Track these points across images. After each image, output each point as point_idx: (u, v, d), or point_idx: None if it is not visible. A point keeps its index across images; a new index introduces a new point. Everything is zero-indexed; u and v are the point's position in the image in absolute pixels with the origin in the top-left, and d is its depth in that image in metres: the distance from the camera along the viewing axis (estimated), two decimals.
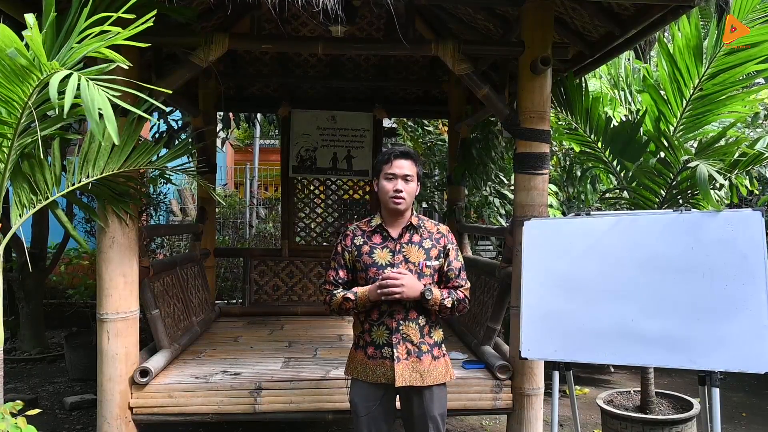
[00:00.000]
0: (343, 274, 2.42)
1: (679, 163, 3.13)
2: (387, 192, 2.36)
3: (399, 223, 2.41)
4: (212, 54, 3.10)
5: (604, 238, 2.66)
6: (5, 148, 2.29)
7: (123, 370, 3.00)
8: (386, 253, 2.37)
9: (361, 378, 2.40)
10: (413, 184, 2.39)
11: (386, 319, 2.34)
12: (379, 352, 2.35)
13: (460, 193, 5.31)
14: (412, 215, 2.43)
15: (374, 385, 2.37)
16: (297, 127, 5.67)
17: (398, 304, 2.32)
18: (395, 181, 2.35)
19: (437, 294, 2.31)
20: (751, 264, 2.30)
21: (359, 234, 2.44)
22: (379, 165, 2.43)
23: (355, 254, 2.40)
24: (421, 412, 2.37)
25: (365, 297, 2.31)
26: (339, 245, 2.46)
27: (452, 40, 3.28)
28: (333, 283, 2.42)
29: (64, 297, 6.86)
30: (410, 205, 2.41)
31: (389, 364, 2.33)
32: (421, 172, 2.46)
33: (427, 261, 2.36)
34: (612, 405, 3.57)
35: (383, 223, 2.42)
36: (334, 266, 2.44)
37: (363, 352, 2.40)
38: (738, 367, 2.31)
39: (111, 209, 2.91)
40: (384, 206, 2.42)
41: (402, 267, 2.34)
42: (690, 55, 3.13)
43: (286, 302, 5.45)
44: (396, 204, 2.35)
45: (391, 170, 2.36)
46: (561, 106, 3.76)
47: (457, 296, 2.37)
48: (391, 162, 2.37)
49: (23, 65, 1.95)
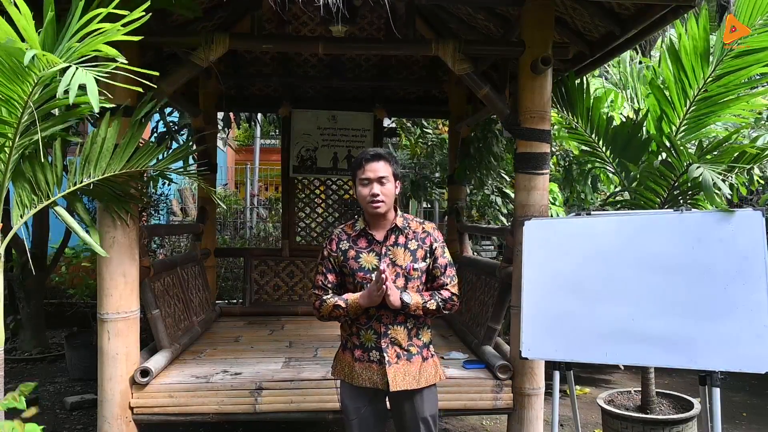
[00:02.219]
0: (332, 278, 2.38)
1: (682, 165, 3.12)
2: (364, 198, 2.31)
3: (383, 225, 2.37)
4: (213, 54, 3.10)
5: (604, 238, 2.66)
6: (6, 149, 2.29)
7: (123, 370, 3.00)
8: (372, 257, 2.34)
9: (347, 380, 2.38)
10: (390, 185, 2.32)
11: (374, 322, 2.31)
12: (366, 355, 2.33)
13: (461, 192, 5.31)
14: (397, 215, 2.38)
15: (362, 388, 2.34)
16: (297, 126, 5.67)
17: (386, 308, 2.28)
18: (371, 185, 2.30)
19: (417, 299, 2.28)
20: (752, 264, 2.30)
21: (344, 238, 2.39)
22: (353, 171, 2.38)
23: (341, 259, 2.36)
24: (412, 415, 2.35)
25: (356, 304, 2.27)
26: (325, 250, 2.42)
27: (452, 39, 3.28)
28: (322, 287, 2.37)
29: (65, 297, 6.86)
30: (391, 206, 2.35)
31: (376, 368, 2.31)
32: (399, 171, 2.40)
33: (414, 264, 2.33)
34: (612, 405, 3.57)
35: (367, 226, 2.38)
36: (322, 271, 2.40)
37: (350, 353, 2.38)
38: (738, 367, 2.31)
39: (112, 209, 2.91)
40: (365, 211, 2.38)
41: (389, 271, 2.27)
42: (696, 56, 3.10)
43: (286, 302, 5.45)
44: (375, 208, 2.30)
45: (365, 175, 2.31)
46: (562, 106, 3.76)
47: (441, 296, 2.33)
48: (363, 167, 2.32)
49: (20, 60, 1.94)
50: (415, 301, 2.27)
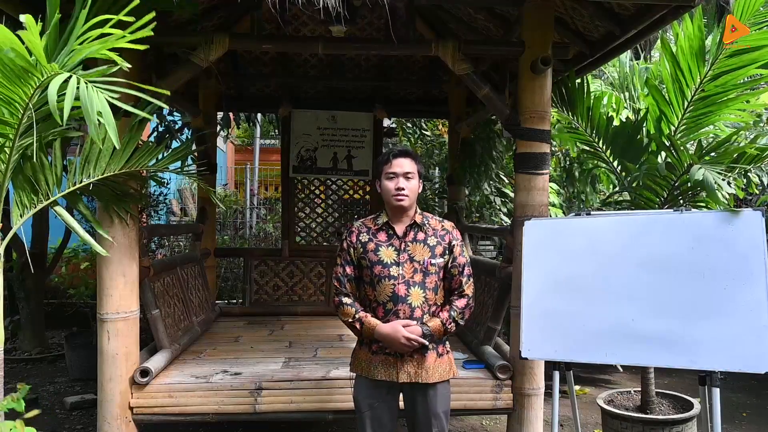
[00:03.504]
0: (350, 270, 2.45)
1: (683, 165, 3.12)
2: (389, 191, 2.39)
3: (404, 221, 2.44)
4: (213, 54, 3.10)
5: (604, 238, 2.66)
6: (7, 149, 2.29)
7: (123, 370, 3.00)
8: (391, 251, 2.39)
9: (365, 374, 2.42)
10: (414, 182, 2.41)
11: (391, 317, 2.35)
12: (383, 349, 2.38)
13: (461, 192, 5.31)
14: (416, 213, 2.45)
15: (378, 382, 2.39)
16: (297, 126, 5.67)
17: (404, 303, 2.34)
18: (396, 179, 2.38)
19: (437, 324, 2.34)
20: (751, 264, 2.30)
21: (364, 231, 2.46)
22: (379, 166, 2.47)
23: (360, 251, 2.42)
24: (425, 409, 2.38)
25: (371, 331, 2.34)
26: (344, 241, 2.48)
27: (452, 40, 3.28)
28: (341, 279, 2.44)
29: (65, 297, 6.85)
30: (413, 202, 2.43)
31: (392, 361, 2.36)
32: (423, 170, 2.49)
33: (432, 259, 2.38)
34: (612, 405, 3.57)
35: (389, 221, 2.44)
36: (341, 263, 2.47)
37: (367, 348, 2.43)
38: (738, 367, 2.31)
39: (112, 209, 2.91)
40: (388, 205, 2.44)
41: (407, 266, 2.36)
42: (692, 55, 3.12)
43: (286, 302, 5.45)
44: (399, 201, 2.37)
45: (392, 169, 2.39)
46: (562, 106, 3.76)
47: (458, 308, 2.38)
48: (390, 162, 2.41)
49: (23, 66, 1.95)
50: (435, 326, 2.34)
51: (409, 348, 2.30)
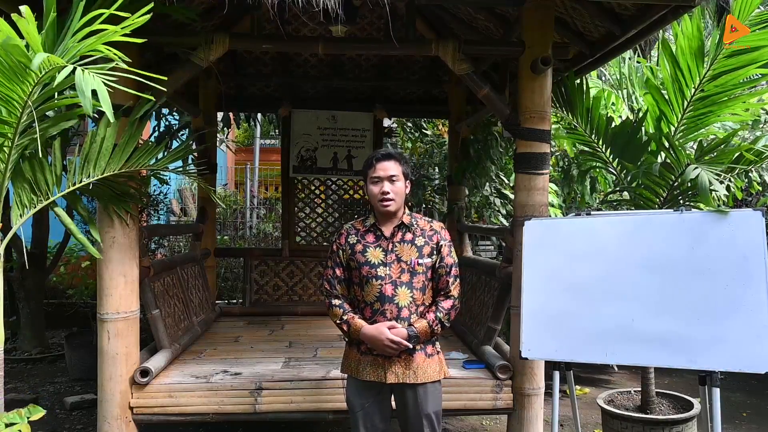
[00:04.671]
0: (340, 272, 2.47)
1: (682, 166, 3.12)
2: (375, 196, 2.39)
3: (392, 223, 2.44)
4: (213, 54, 3.10)
5: (604, 238, 2.66)
6: (6, 148, 2.29)
7: (123, 370, 3.00)
8: (379, 252, 2.41)
9: (354, 375, 2.44)
10: (400, 184, 2.40)
11: (378, 317, 2.36)
12: (371, 349, 2.38)
13: (461, 192, 5.31)
14: (404, 214, 2.45)
15: (367, 383, 2.40)
16: (297, 126, 5.67)
17: (391, 302, 2.35)
18: (381, 183, 2.38)
19: (423, 326, 2.34)
20: (752, 264, 2.30)
21: (353, 233, 2.48)
22: (364, 170, 2.47)
23: (349, 252, 2.44)
24: (414, 410, 2.39)
25: (357, 333, 2.36)
26: (334, 244, 2.51)
27: (453, 40, 3.28)
28: (331, 281, 2.47)
29: (65, 297, 6.85)
30: (401, 204, 2.43)
31: (381, 361, 2.37)
32: (409, 171, 2.48)
33: (419, 259, 2.39)
34: (612, 405, 3.57)
35: (377, 222, 2.45)
36: (331, 264, 2.49)
37: (356, 348, 2.45)
38: (738, 367, 2.31)
39: (112, 209, 2.91)
40: (375, 209, 2.45)
41: (394, 266, 2.37)
42: (691, 55, 3.12)
43: (286, 302, 5.45)
44: (385, 207, 2.38)
45: (376, 174, 2.39)
46: (562, 106, 3.76)
47: (444, 309, 2.38)
48: (374, 166, 2.40)
49: (21, 61, 1.94)
50: (422, 327, 2.34)
51: (394, 350, 2.30)
